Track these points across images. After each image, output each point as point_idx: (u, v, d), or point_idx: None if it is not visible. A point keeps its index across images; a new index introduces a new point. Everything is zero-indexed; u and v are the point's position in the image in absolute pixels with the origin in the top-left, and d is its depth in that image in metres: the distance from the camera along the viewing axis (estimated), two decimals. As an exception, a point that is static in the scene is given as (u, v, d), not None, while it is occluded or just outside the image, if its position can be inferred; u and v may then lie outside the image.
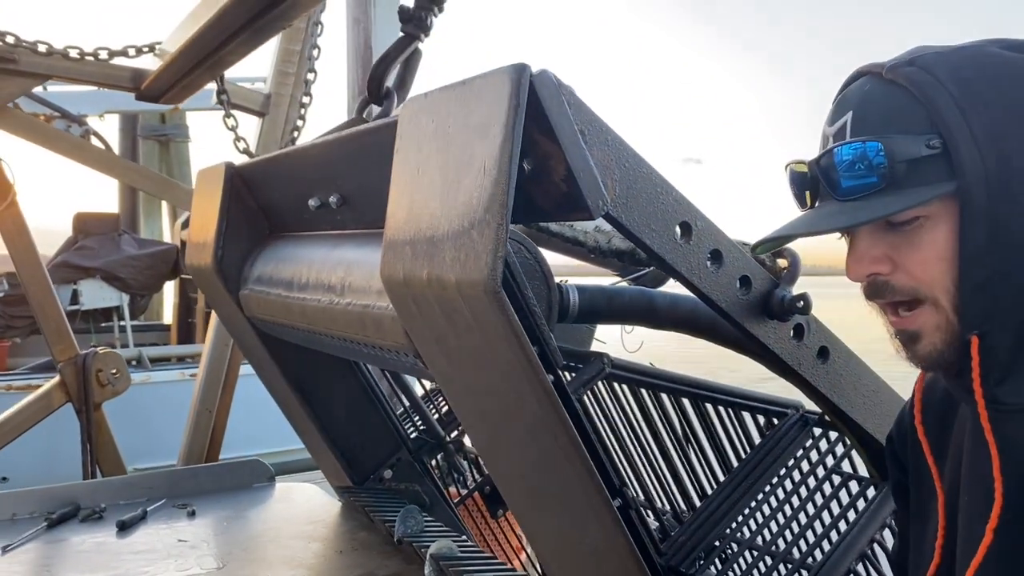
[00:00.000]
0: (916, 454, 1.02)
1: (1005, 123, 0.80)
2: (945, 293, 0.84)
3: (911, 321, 0.87)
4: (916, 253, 0.84)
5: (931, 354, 0.87)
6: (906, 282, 0.85)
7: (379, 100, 1.70)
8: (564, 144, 1.00)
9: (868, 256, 0.86)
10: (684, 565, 1.48)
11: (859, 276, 0.88)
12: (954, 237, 0.83)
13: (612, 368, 1.56)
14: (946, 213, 0.83)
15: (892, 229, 0.85)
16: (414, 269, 1.13)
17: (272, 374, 2.15)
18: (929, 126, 0.82)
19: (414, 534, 1.94)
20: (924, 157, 0.82)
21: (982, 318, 0.83)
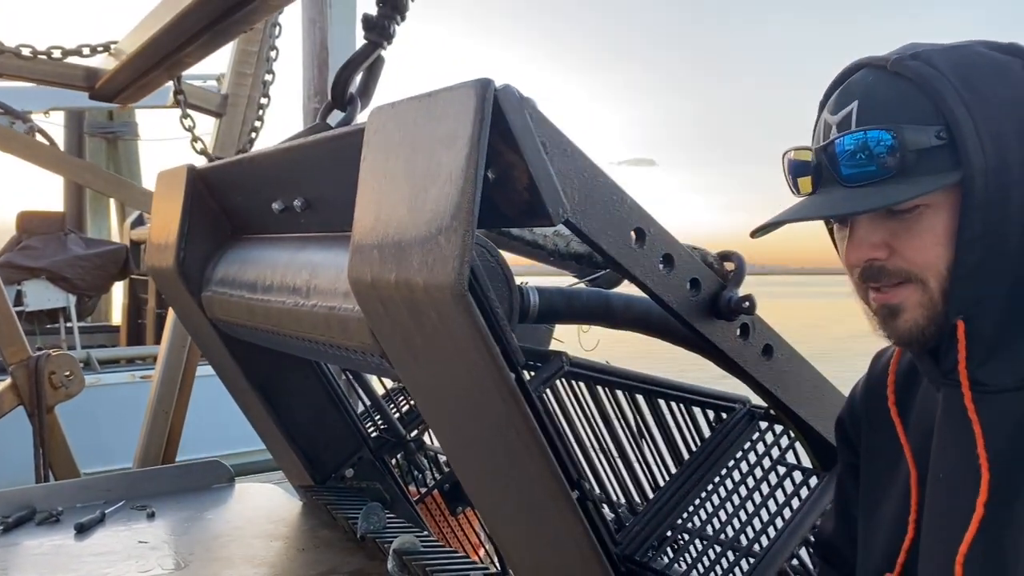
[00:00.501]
0: (878, 434, 1.07)
1: (1000, 119, 0.85)
2: (936, 276, 0.88)
3: (894, 295, 0.90)
4: (915, 239, 0.88)
5: (911, 330, 0.90)
6: (901, 265, 0.89)
7: (343, 106, 1.73)
8: (526, 155, 1.06)
9: (867, 242, 0.90)
10: (638, 554, 1.55)
11: (858, 261, 0.91)
12: (952, 224, 0.87)
13: (571, 366, 1.63)
14: (946, 202, 0.86)
15: (892, 216, 0.88)
16: (382, 272, 1.18)
17: (233, 375, 2.17)
18: (936, 117, 0.85)
19: (376, 531, 1.98)
20: (932, 147, 0.85)
21: (970, 303, 0.88)
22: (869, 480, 1.09)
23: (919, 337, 0.91)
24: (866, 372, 1.15)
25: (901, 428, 1.01)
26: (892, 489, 1.03)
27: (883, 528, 1.03)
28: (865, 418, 1.11)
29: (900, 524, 0.99)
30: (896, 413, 1.02)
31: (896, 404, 1.03)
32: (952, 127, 0.85)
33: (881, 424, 1.07)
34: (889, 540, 1.01)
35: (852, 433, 1.14)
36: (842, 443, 1.17)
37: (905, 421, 1.02)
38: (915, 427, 1.00)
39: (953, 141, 0.85)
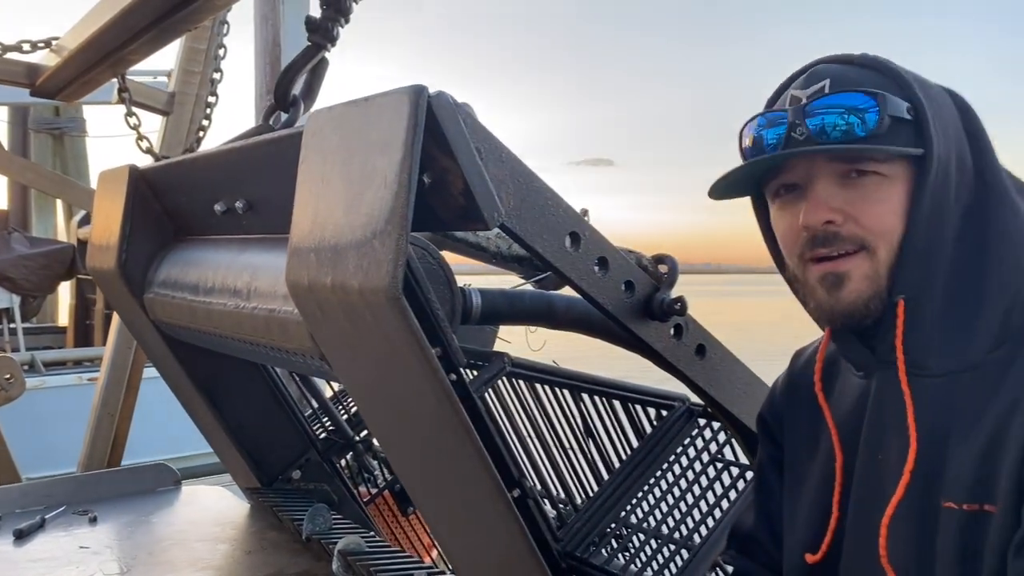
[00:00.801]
0: (799, 426, 1.11)
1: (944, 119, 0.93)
2: (887, 246, 0.92)
3: (843, 263, 0.93)
4: (873, 206, 0.92)
5: (854, 301, 0.93)
6: (855, 231, 0.92)
7: (286, 107, 1.73)
8: (461, 160, 1.08)
9: (826, 205, 0.92)
10: (579, 550, 1.58)
11: (817, 221, 0.93)
12: (906, 200, 0.91)
13: (513, 367, 1.65)
14: (903, 176, 0.92)
15: (849, 185, 0.92)
16: (319, 276, 1.18)
17: (178, 377, 2.15)
18: (904, 98, 0.92)
19: (322, 532, 1.98)
20: (903, 120, 0.91)
21: (912, 284, 0.92)
22: (792, 471, 1.13)
23: (861, 310, 0.94)
24: (786, 369, 1.19)
25: (828, 413, 1.05)
26: (815, 476, 1.07)
27: (807, 513, 1.07)
28: (787, 412, 1.15)
29: (824, 507, 1.03)
30: (823, 399, 1.06)
31: (823, 391, 1.07)
32: (918, 109, 0.92)
33: (803, 416, 1.11)
34: (813, 523, 1.05)
35: (774, 427, 1.18)
36: (764, 437, 1.21)
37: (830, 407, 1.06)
38: (836, 414, 1.05)
39: (918, 121, 0.92)
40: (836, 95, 0.93)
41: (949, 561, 0.88)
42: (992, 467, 0.86)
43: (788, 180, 0.97)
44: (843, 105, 0.92)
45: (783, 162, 0.96)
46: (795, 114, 0.94)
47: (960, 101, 0.97)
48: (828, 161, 0.94)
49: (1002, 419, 0.86)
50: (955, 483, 0.88)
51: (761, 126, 0.97)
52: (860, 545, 0.97)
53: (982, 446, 0.87)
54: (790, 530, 1.11)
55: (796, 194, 0.97)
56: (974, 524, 0.86)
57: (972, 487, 0.87)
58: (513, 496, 1.32)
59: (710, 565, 1.52)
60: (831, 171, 0.93)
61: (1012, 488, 0.84)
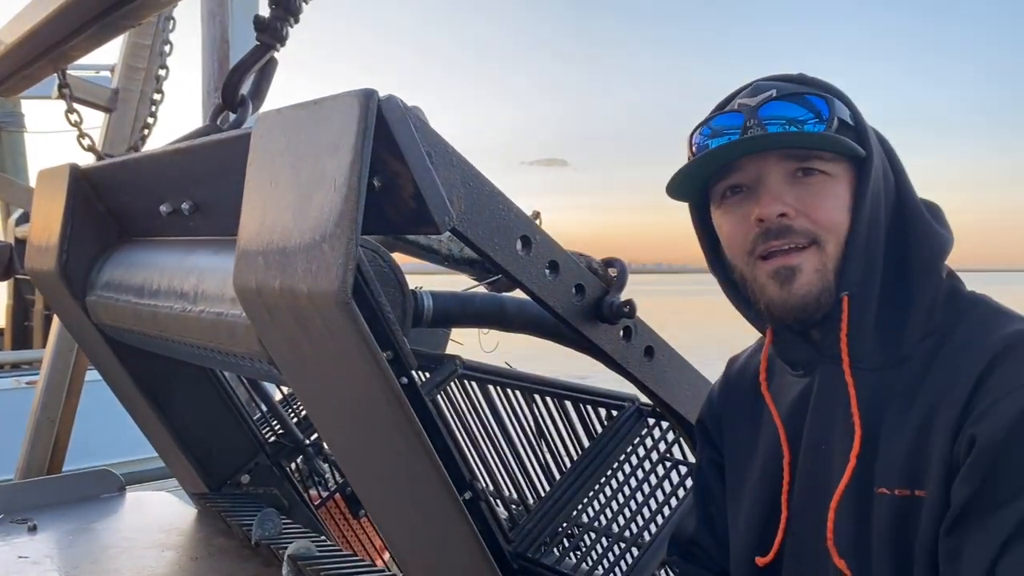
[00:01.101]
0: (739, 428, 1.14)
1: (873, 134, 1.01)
2: (835, 240, 0.97)
3: (794, 257, 0.97)
4: (823, 201, 0.97)
5: (806, 295, 0.97)
6: (806, 225, 0.97)
7: (234, 108, 1.70)
8: (411, 164, 1.08)
9: (780, 199, 0.97)
10: (531, 551, 1.59)
11: (772, 213, 0.97)
12: (850, 199, 0.97)
13: (464, 369, 1.65)
14: (846, 176, 0.98)
15: (797, 182, 0.97)
16: (267, 279, 1.17)
17: (122, 381, 2.10)
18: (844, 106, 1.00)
19: (272, 536, 1.95)
20: (847, 124, 0.99)
21: (855, 281, 0.96)
22: (734, 473, 1.15)
23: (812, 303, 0.97)
24: (722, 375, 1.23)
25: (775, 410, 1.08)
26: (757, 476, 1.09)
27: (751, 513, 1.09)
28: (726, 415, 1.18)
29: (771, 506, 1.06)
30: (770, 398, 1.09)
31: (768, 390, 1.10)
32: (856, 117, 1.00)
33: (743, 419, 1.14)
34: (759, 524, 1.08)
35: (714, 432, 1.21)
36: (703, 442, 1.23)
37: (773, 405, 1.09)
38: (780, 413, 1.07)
39: (858, 127, 1.00)
40: (787, 98, 0.98)
41: (885, 544, 0.92)
42: (922, 454, 0.90)
43: (736, 181, 1.01)
44: (794, 106, 0.97)
45: (732, 163, 1.00)
46: (749, 113, 0.99)
47: (876, 131, 1.03)
48: (779, 160, 0.98)
49: (930, 409, 0.91)
50: (888, 470, 0.93)
51: (716, 125, 1.01)
52: (808, 534, 1.00)
53: (912, 434, 0.92)
54: (735, 533, 1.13)
55: (743, 195, 1.01)
56: (906, 509, 0.91)
57: (904, 474, 0.91)
58: (465, 498, 1.32)
59: (659, 562, 1.55)
60: (781, 169, 0.98)
61: (941, 474, 0.88)
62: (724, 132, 1.00)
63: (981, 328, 0.94)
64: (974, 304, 0.99)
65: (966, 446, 0.87)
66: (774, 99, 0.98)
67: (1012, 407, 0.85)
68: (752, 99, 1.00)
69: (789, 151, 0.97)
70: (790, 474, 1.04)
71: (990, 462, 0.85)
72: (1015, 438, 0.85)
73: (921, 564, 0.90)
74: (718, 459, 1.19)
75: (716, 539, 1.18)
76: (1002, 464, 0.85)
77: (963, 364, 0.91)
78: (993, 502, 0.85)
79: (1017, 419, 0.85)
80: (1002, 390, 0.87)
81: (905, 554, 0.91)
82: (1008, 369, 0.88)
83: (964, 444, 0.87)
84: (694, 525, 1.22)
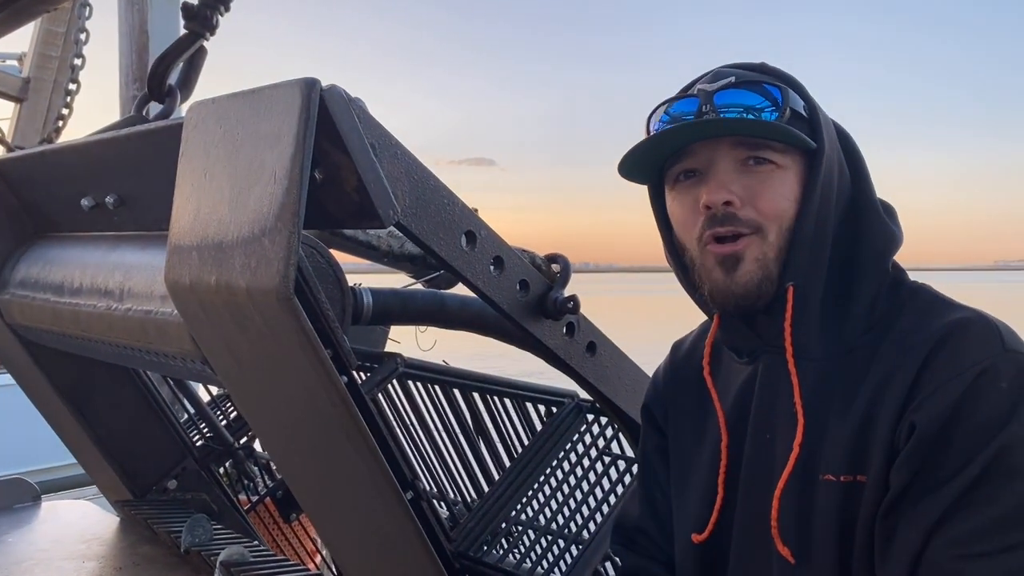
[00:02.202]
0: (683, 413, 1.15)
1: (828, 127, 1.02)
2: (777, 230, 0.98)
3: (736, 246, 0.98)
4: (769, 191, 0.98)
5: (748, 283, 0.98)
6: (751, 215, 0.98)
7: (161, 98, 1.64)
8: (355, 156, 1.05)
9: (727, 186, 0.98)
10: (472, 549, 1.58)
11: (718, 200, 0.98)
12: (798, 191, 0.99)
13: (405, 367, 1.63)
14: (796, 168, 0.99)
15: (746, 171, 0.98)
16: (201, 275, 1.12)
17: (38, 385, 1.99)
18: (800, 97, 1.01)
19: (202, 543, 1.89)
20: (800, 114, 1.00)
21: (800, 272, 0.98)
22: (679, 458, 1.16)
23: (754, 291, 0.99)
24: (666, 359, 1.24)
25: (716, 396, 1.09)
26: (703, 460, 1.11)
27: (695, 496, 1.11)
28: (672, 400, 1.19)
29: (711, 488, 1.07)
30: (712, 383, 1.11)
31: (711, 375, 1.12)
32: (811, 109, 1.01)
33: (689, 403, 1.15)
34: (700, 505, 1.09)
35: (659, 416, 1.22)
36: (648, 427, 1.24)
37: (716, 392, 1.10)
38: (723, 399, 1.09)
39: (812, 119, 1.00)
40: (743, 86, 0.99)
41: (828, 529, 0.94)
42: (864, 441, 0.93)
43: (690, 166, 1.02)
44: (750, 94, 0.99)
45: (687, 147, 1.01)
46: (705, 99, 1.00)
47: (839, 125, 1.06)
48: (731, 147, 0.99)
49: (872, 397, 0.94)
50: (834, 457, 0.95)
51: (673, 111, 1.03)
52: (752, 521, 1.02)
53: (856, 422, 0.94)
54: (679, 516, 1.14)
55: (696, 179, 1.02)
56: (849, 494, 0.93)
57: (847, 460, 0.94)
58: (407, 498, 1.30)
59: (602, 557, 1.56)
60: (732, 157, 0.99)
61: (881, 459, 0.91)
62: (680, 117, 1.01)
63: (922, 317, 0.96)
64: (914, 293, 1.01)
65: (906, 432, 0.90)
66: (731, 86, 0.99)
67: (950, 394, 0.88)
68: (710, 85, 1.01)
69: (741, 139, 0.99)
70: (727, 457, 1.06)
71: (927, 448, 0.88)
72: (951, 424, 0.87)
73: (861, 547, 0.92)
74: (663, 444, 1.20)
75: (660, 526, 1.18)
76: (938, 449, 0.87)
77: (904, 353, 0.93)
78: (927, 486, 0.87)
79: (954, 406, 0.87)
80: (941, 378, 0.89)
81: (847, 538, 0.93)
82: (946, 357, 0.90)
83: (904, 431, 0.90)
84: (638, 512, 1.22)
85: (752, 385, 1.05)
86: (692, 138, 1.01)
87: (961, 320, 0.94)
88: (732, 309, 1.02)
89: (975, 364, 0.89)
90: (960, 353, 0.90)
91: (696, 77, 1.05)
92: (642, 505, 1.22)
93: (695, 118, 1.00)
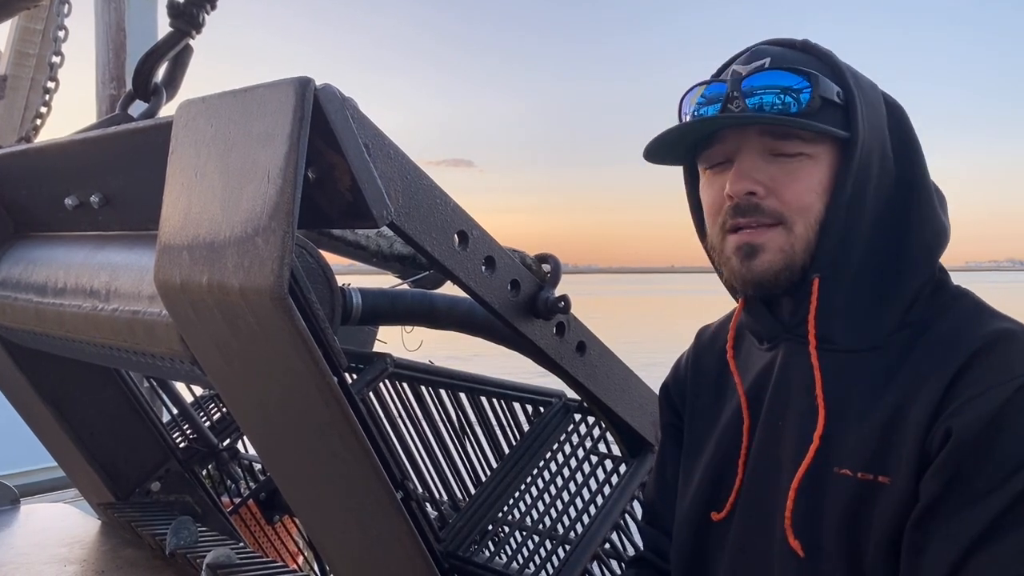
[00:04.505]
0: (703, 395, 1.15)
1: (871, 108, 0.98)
2: (804, 223, 0.95)
3: (758, 235, 0.96)
4: (795, 183, 0.95)
5: (765, 272, 0.96)
6: (775, 206, 0.95)
7: (146, 97, 1.62)
8: (349, 156, 1.05)
9: (751, 177, 0.96)
10: (461, 550, 1.58)
11: (740, 191, 0.96)
12: (828, 182, 0.95)
13: (395, 367, 1.63)
14: (827, 157, 0.96)
15: (774, 160, 0.96)
16: (193, 274, 1.12)
17: (19, 386, 1.96)
18: (836, 83, 0.97)
19: (188, 546, 1.87)
20: (833, 102, 0.96)
21: (829, 264, 0.96)
22: (692, 437, 1.16)
23: (771, 279, 0.98)
24: (692, 344, 1.25)
25: (738, 378, 1.08)
26: (716, 441, 1.10)
27: (707, 474, 1.10)
28: (692, 381, 1.20)
29: (728, 467, 1.06)
30: (734, 366, 1.10)
31: (734, 358, 1.11)
32: (848, 95, 0.97)
33: (708, 387, 1.16)
34: (714, 483, 1.08)
35: (676, 398, 1.22)
36: (664, 407, 1.25)
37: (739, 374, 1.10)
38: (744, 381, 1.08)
39: (847, 106, 0.96)
40: (772, 72, 0.96)
41: (838, 524, 0.92)
42: (889, 442, 0.91)
43: (719, 152, 1.01)
44: (778, 84, 0.96)
45: (716, 133, 1.00)
46: (733, 86, 0.98)
47: (893, 103, 1.02)
48: (758, 136, 0.97)
49: (902, 398, 0.91)
50: (853, 453, 0.93)
51: (701, 95, 1.01)
52: (757, 507, 1.01)
53: (882, 421, 0.92)
54: (685, 491, 1.14)
55: (725, 166, 1.00)
56: (866, 492, 0.91)
57: (869, 458, 0.91)
58: (397, 498, 1.30)
59: (590, 556, 1.56)
60: (759, 146, 0.97)
61: (911, 463, 0.88)
62: (712, 100, 0.99)
63: (963, 323, 0.94)
64: (958, 298, 0.98)
65: (940, 439, 0.86)
66: (764, 70, 0.97)
67: (990, 403, 0.85)
68: (744, 67, 0.99)
69: (768, 127, 0.96)
70: (748, 440, 1.04)
71: (964, 457, 0.85)
72: (991, 434, 0.84)
73: (875, 547, 0.90)
74: (677, 423, 1.21)
75: (669, 504, 1.19)
76: (975, 460, 0.84)
77: (942, 357, 0.91)
78: (964, 498, 0.84)
79: (995, 415, 0.84)
80: (980, 386, 0.86)
81: (857, 536, 0.92)
82: (987, 366, 0.88)
83: (939, 437, 0.87)
84: (653, 489, 1.25)
85: (771, 371, 1.03)
86: (713, 126, 0.99)
87: (1005, 330, 0.91)
88: (749, 293, 1.01)
89: (1019, 376, 0.86)
90: (1003, 363, 0.87)
91: (736, 54, 1.03)
92: (655, 482, 1.24)
93: (722, 103, 0.98)
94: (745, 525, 1.04)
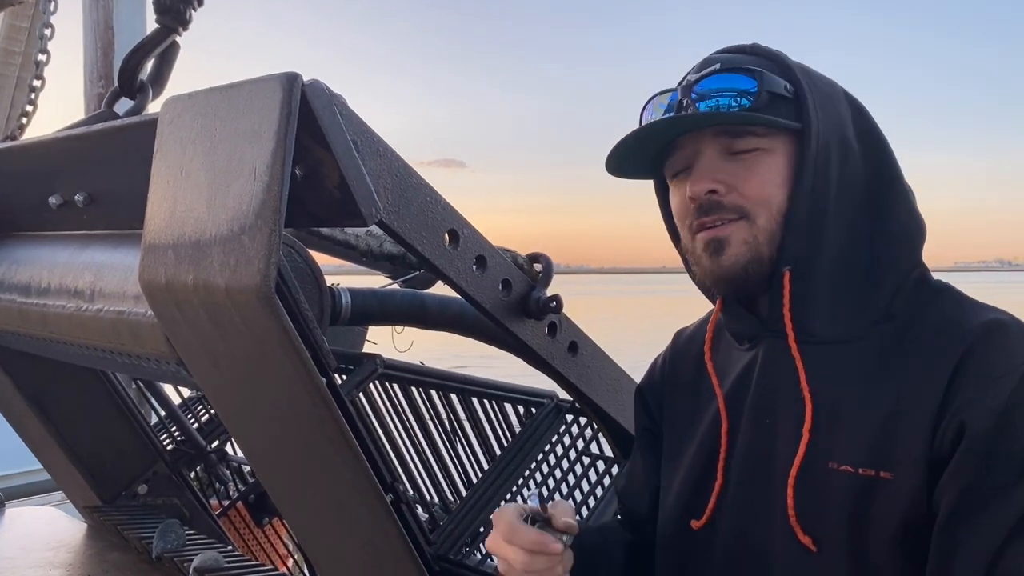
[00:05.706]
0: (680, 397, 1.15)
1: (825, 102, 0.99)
2: (767, 214, 0.96)
3: (723, 230, 0.97)
4: (753, 177, 0.97)
5: (734, 266, 0.97)
6: (737, 201, 0.97)
7: (132, 94, 1.60)
8: (337, 153, 1.03)
9: (710, 176, 0.97)
10: (452, 552, 1.57)
11: (700, 191, 0.97)
12: (788, 173, 0.97)
13: (385, 368, 1.61)
14: (784, 149, 0.97)
15: (731, 158, 0.98)
16: (178, 274, 1.10)
17: (2, 387, 1.93)
18: (785, 79, 0.99)
19: (175, 549, 1.85)
20: (782, 95, 0.98)
21: (798, 255, 0.96)
22: (671, 441, 1.16)
23: (740, 273, 0.98)
24: (669, 345, 1.24)
25: (716, 380, 1.08)
26: (695, 445, 1.09)
27: (686, 479, 1.09)
28: (669, 383, 1.19)
29: (705, 473, 1.06)
30: (712, 368, 1.10)
31: (712, 360, 1.11)
32: (797, 89, 0.99)
33: (685, 390, 1.15)
34: (692, 490, 1.08)
35: (651, 401, 1.22)
36: (639, 410, 1.25)
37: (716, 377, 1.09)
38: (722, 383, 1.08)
39: (798, 99, 0.98)
40: (720, 75, 0.99)
41: (840, 520, 0.91)
42: (889, 437, 0.89)
43: (680, 159, 1.03)
44: (726, 85, 0.98)
45: (676, 141, 1.02)
46: (684, 92, 1.00)
47: (854, 100, 1.03)
48: (714, 137, 0.99)
49: (901, 390, 0.90)
50: (851, 447, 0.91)
51: (657, 106, 1.03)
52: (750, 508, 1.00)
53: (880, 415, 0.91)
54: (667, 497, 1.13)
55: (688, 172, 1.02)
56: (868, 488, 0.90)
57: (869, 453, 0.90)
58: (387, 500, 1.28)
59: (583, 558, 1.55)
60: (716, 146, 0.99)
61: (918, 459, 0.87)
62: (667, 111, 1.02)
63: (954, 314, 0.94)
64: (941, 291, 0.98)
65: (953, 435, 0.85)
66: (713, 74, 0.99)
67: (999, 394, 0.84)
68: (695, 75, 1.01)
69: (722, 128, 0.98)
70: (727, 443, 1.04)
71: (982, 452, 0.84)
72: (1009, 423, 0.83)
73: (880, 542, 0.89)
74: (651, 427, 1.21)
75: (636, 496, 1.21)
76: (995, 453, 0.84)
77: (939, 348, 0.90)
78: (989, 494, 0.83)
79: (1005, 406, 0.84)
80: (986, 377, 0.86)
81: (860, 532, 0.90)
82: (988, 356, 0.87)
83: (951, 433, 0.86)
84: (623, 483, 1.27)
85: (752, 370, 1.03)
86: (669, 135, 1.01)
87: (997, 320, 0.91)
88: (722, 292, 1.02)
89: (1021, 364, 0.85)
90: (1004, 352, 0.87)
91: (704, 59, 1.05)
92: (626, 478, 1.26)
93: (675, 111, 1.00)
94: (736, 528, 1.02)
